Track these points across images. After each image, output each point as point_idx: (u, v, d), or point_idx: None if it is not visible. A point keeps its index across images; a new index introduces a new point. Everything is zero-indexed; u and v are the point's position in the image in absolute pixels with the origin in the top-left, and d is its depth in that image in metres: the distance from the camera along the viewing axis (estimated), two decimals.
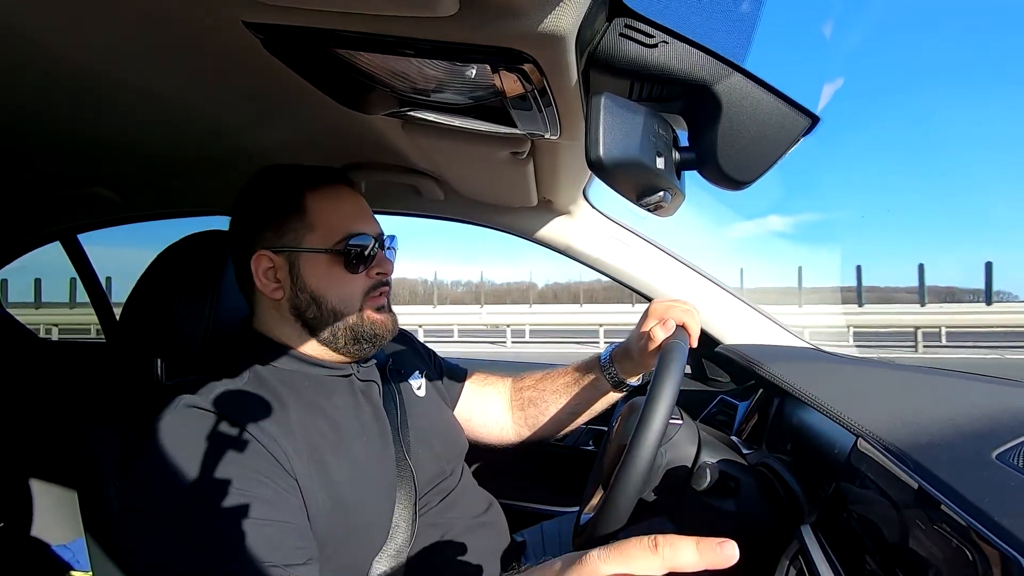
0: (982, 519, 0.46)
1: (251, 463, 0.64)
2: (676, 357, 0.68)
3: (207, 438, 0.65)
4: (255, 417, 0.69)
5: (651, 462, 0.61)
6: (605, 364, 0.98)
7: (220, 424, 0.66)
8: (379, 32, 0.52)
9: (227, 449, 0.65)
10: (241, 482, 0.63)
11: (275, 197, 0.79)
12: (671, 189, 0.54)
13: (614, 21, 0.51)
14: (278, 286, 0.78)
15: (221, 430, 0.66)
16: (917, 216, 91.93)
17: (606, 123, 0.47)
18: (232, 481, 0.62)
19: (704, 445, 0.82)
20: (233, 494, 0.62)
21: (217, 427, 0.66)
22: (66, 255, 1.72)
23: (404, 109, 0.72)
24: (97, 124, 0.91)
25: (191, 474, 0.62)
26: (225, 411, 0.68)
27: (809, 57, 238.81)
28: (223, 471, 0.63)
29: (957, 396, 0.76)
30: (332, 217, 0.79)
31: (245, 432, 0.66)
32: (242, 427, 0.67)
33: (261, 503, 0.62)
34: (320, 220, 0.78)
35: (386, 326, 0.82)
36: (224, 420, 0.67)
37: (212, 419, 0.67)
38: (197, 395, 0.69)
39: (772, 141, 0.52)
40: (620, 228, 1.31)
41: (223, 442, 0.65)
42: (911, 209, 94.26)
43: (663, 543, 0.37)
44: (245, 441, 0.66)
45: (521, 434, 1.08)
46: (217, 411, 0.68)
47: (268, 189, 0.80)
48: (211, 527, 0.60)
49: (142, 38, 0.62)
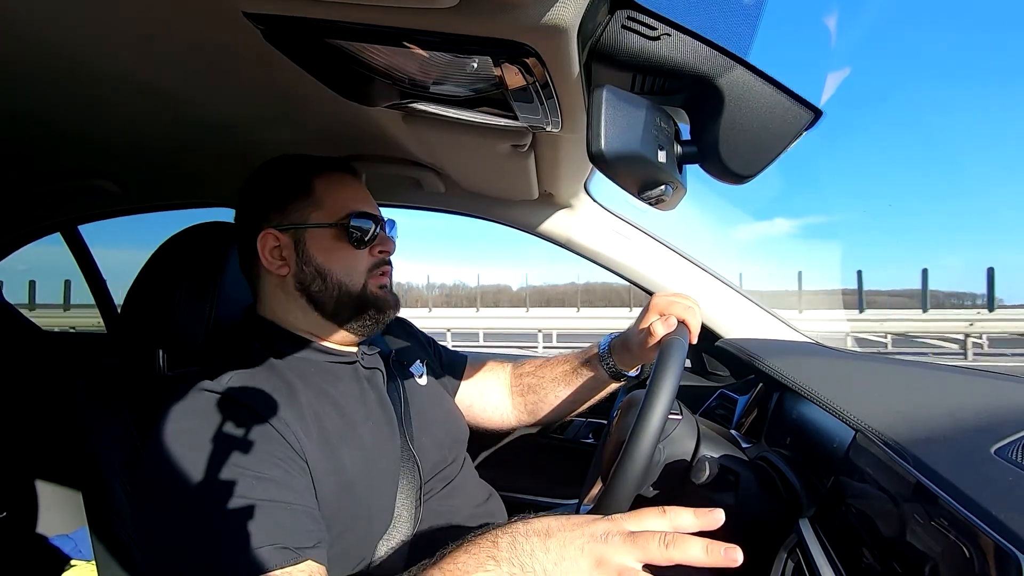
0: (980, 514, 0.47)
1: (262, 445, 0.65)
2: (676, 353, 0.68)
3: (218, 420, 0.66)
4: (265, 400, 0.69)
5: (650, 456, 0.61)
6: (604, 355, 0.99)
7: (231, 407, 0.67)
8: (379, 23, 0.52)
9: (238, 431, 0.65)
10: (253, 464, 0.63)
11: (283, 181, 0.82)
12: (673, 183, 0.53)
13: (616, 13, 0.51)
14: (283, 263, 0.79)
15: (232, 413, 0.67)
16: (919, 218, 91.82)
17: (608, 116, 0.47)
18: (244, 463, 0.63)
19: (703, 439, 0.82)
20: (244, 476, 0.62)
21: (228, 410, 0.67)
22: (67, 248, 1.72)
23: (405, 101, 0.72)
24: (97, 116, 0.91)
25: (202, 456, 0.63)
26: (236, 394, 0.68)
27: (813, 51, 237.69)
28: (234, 453, 0.63)
29: (956, 391, 0.76)
30: (337, 196, 0.81)
31: (256, 415, 0.67)
32: (253, 410, 0.67)
33: (273, 485, 0.63)
34: (326, 198, 0.81)
35: (388, 301, 0.83)
36: (235, 403, 0.67)
37: (223, 402, 0.67)
38: (206, 379, 0.70)
39: (775, 135, 0.51)
40: (621, 222, 1.31)
41: (234, 424, 0.66)
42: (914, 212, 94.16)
43: (670, 509, 0.51)
44: (256, 424, 0.66)
45: (521, 420, 1.09)
46: (227, 394, 0.68)
47: (276, 175, 0.83)
48: (222, 509, 0.60)
49: (141, 29, 0.61)
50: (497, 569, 0.50)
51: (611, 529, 0.50)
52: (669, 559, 0.47)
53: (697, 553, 0.46)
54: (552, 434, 1.45)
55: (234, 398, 0.68)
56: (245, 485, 0.62)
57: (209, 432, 0.64)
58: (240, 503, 0.61)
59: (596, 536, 0.49)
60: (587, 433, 1.44)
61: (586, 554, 0.49)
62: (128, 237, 1.70)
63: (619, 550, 0.48)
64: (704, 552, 0.46)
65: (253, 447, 0.64)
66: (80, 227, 1.72)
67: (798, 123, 0.51)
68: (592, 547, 0.49)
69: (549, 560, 0.49)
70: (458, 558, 0.52)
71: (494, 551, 0.51)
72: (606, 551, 0.48)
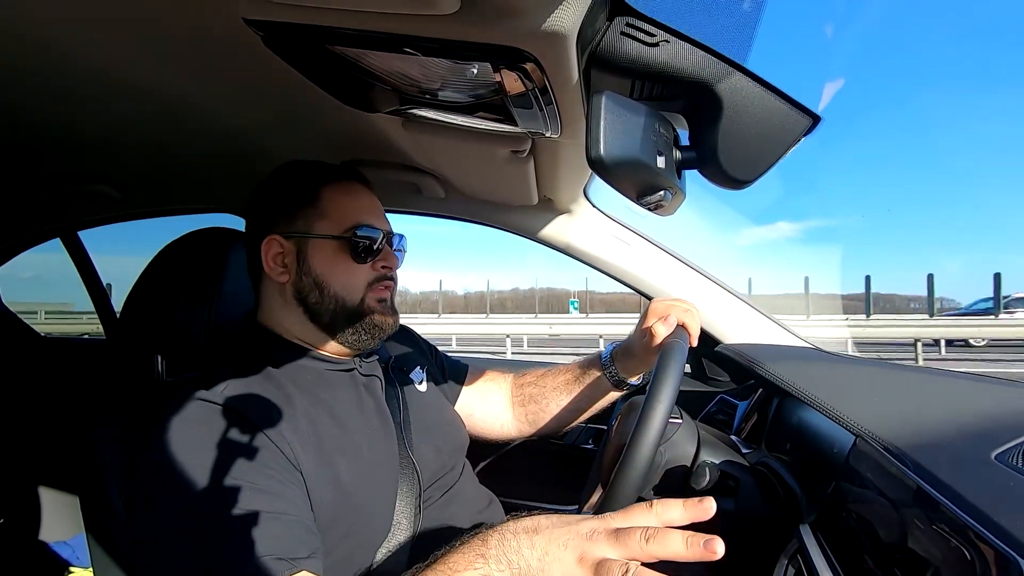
0: (981, 519, 0.46)
1: (257, 455, 0.65)
2: (676, 356, 0.68)
3: (213, 430, 0.65)
4: (261, 410, 0.69)
5: (650, 461, 0.61)
6: (606, 362, 0.98)
7: (226, 416, 0.67)
8: (379, 29, 0.52)
9: (233, 442, 0.65)
10: (247, 475, 0.63)
11: (292, 189, 0.82)
12: (672, 188, 0.53)
13: (615, 20, 0.51)
14: (284, 270, 0.79)
15: (227, 422, 0.66)
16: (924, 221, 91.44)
17: (607, 122, 0.47)
18: (238, 473, 0.63)
19: (703, 444, 0.82)
20: (239, 487, 0.62)
21: (223, 419, 0.66)
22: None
23: (405, 107, 0.72)
24: (97, 121, 0.91)
25: (197, 465, 0.62)
26: (231, 404, 0.68)
27: (811, 57, 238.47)
28: (229, 463, 0.63)
29: (956, 396, 0.76)
30: (343, 208, 0.81)
31: (251, 425, 0.67)
32: (248, 420, 0.67)
33: (267, 496, 0.63)
34: (331, 209, 0.80)
35: (385, 319, 0.82)
36: (230, 412, 0.67)
37: (218, 411, 0.67)
38: (203, 388, 0.69)
39: (773, 141, 0.52)
40: (621, 227, 1.31)
41: (229, 434, 0.65)
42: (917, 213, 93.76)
43: (658, 503, 0.51)
44: (251, 434, 0.66)
45: (522, 430, 1.09)
46: (223, 404, 0.68)
47: (286, 182, 0.83)
48: (217, 519, 0.60)
49: (142, 35, 0.62)
50: (485, 566, 0.51)
51: (597, 527, 0.50)
52: (651, 554, 0.47)
53: (678, 547, 0.46)
54: (552, 439, 1.45)
55: (230, 407, 0.68)
56: (239, 495, 0.61)
57: (204, 441, 0.64)
58: (234, 513, 0.60)
59: (581, 533, 0.50)
60: (587, 439, 1.44)
61: (570, 550, 0.49)
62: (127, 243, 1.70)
63: (602, 547, 0.49)
64: (684, 546, 0.46)
65: (248, 457, 0.64)
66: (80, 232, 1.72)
67: (796, 129, 0.52)
68: (576, 543, 0.50)
69: (535, 556, 0.50)
70: (449, 558, 0.53)
71: (483, 548, 0.52)
72: (589, 547, 0.49)
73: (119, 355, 0.89)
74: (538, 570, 0.49)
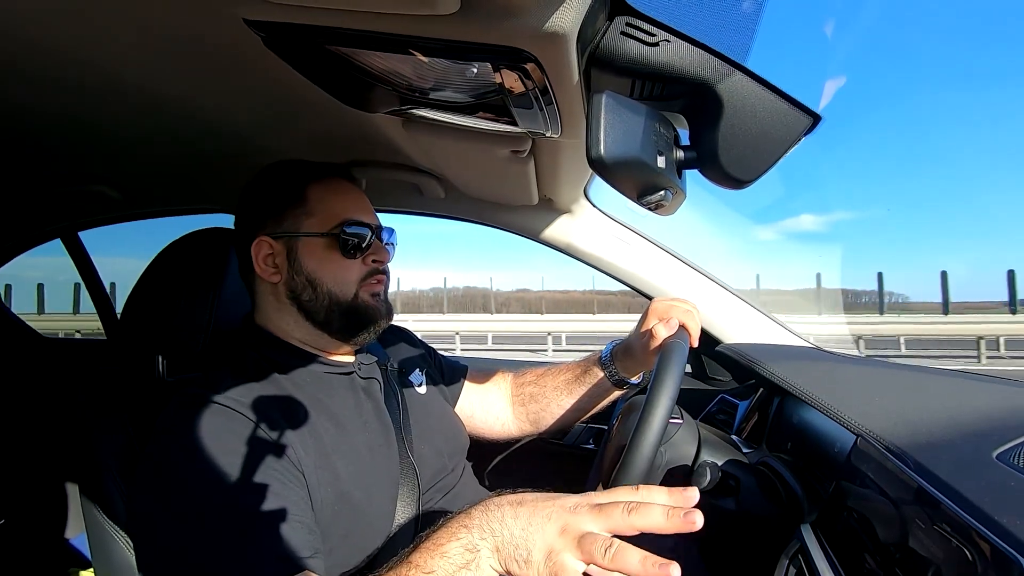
0: (982, 518, 0.46)
1: (258, 456, 0.65)
2: (676, 356, 0.68)
3: (214, 430, 0.65)
4: (262, 411, 0.69)
5: (651, 461, 0.61)
6: (606, 362, 0.98)
7: (227, 417, 0.67)
8: (379, 30, 0.52)
9: (234, 442, 0.65)
10: (248, 475, 0.63)
11: (278, 189, 0.82)
12: (672, 188, 0.53)
13: (615, 20, 0.51)
14: (276, 271, 0.79)
15: (228, 423, 0.66)
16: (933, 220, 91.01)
17: (607, 121, 0.47)
18: (240, 474, 0.63)
19: (704, 444, 0.82)
20: (241, 487, 0.62)
21: (224, 420, 0.67)
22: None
23: (405, 107, 0.72)
24: (98, 122, 0.91)
25: (198, 466, 0.62)
26: (232, 404, 0.68)
27: (811, 56, 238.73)
28: (231, 463, 0.63)
29: (957, 396, 0.76)
30: (330, 204, 0.81)
31: (252, 425, 0.67)
32: (249, 420, 0.67)
33: (269, 496, 0.63)
34: (319, 207, 0.80)
35: (379, 310, 0.83)
36: (231, 414, 0.67)
37: (219, 412, 0.67)
38: (205, 388, 0.70)
39: (773, 140, 0.52)
40: (621, 227, 1.31)
41: (230, 435, 0.65)
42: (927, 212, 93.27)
43: (642, 487, 0.52)
44: (252, 434, 0.66)
45: (523, 429, 1.09)
46: (224, 404, 0.68)
47: (272, 182, 0.83)
48: (219, 519, 0.60)
49: (142, 36, 0.62)
50: (468, 535, 0.52)
51: (580, 501, 0.51)
52: (631, 526, 0.48)
53: (658, 518, 0.47)
54: (552, 439, 1.44)
55: (231, 408, 0.68)
56: (241, 496, 0.61)
57: (205, 442, 0.64)
58: (235, 514, 0.60)
59: (566, 507, 0.51)
60: (587, 439, 1.44)
61: (553, 521, 0.50)
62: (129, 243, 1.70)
63: (584, 519, 0.50)
64: (664, 518, 0.47)
65: (249, 458, 0.64)
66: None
67: (797, 128, 0.51)
68: (559, 515, 0.50)
69: (518, 526, 0.51)
70: (433, 534, 0.54)
71: (467, 520, 0.53)
72: (572, 519, 0.50)
73: (120, 355, 0.89)
74: (521, 539, 0.50)
